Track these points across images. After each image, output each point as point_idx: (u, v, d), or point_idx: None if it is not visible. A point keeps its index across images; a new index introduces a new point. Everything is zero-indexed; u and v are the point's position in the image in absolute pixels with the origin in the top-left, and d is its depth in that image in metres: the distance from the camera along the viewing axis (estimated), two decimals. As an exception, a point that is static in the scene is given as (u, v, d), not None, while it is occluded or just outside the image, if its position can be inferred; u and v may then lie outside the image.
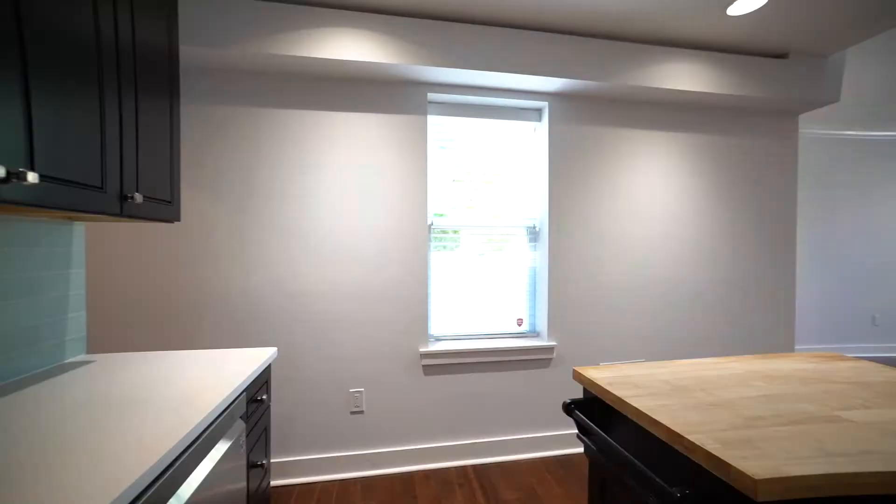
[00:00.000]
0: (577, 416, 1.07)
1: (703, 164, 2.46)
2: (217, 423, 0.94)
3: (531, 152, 2.36)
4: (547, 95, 2.25)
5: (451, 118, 2.25)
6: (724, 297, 2.50)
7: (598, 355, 2.34)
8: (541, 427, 2.28)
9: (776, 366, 1.25)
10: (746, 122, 2.51)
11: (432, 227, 2.24)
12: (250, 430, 1.20)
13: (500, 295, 2.33)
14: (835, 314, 4.25)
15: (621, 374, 1.17)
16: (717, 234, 2.49)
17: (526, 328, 2.36)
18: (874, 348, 4.38)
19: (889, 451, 0.74)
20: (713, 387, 1.06)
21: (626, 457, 0.87)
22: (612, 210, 2.34)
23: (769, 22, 1.98)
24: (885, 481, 0.69)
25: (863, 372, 1.20)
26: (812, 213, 4.22)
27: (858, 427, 0.84)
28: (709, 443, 0.75)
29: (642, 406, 0.92)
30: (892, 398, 1.00)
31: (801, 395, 1.01)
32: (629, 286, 2.37)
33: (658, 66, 2.16)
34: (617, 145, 2.34)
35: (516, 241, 2.35)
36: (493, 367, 2.22)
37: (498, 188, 2.33)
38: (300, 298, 2.01)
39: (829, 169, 4.25)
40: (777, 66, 2.29)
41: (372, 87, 2.07)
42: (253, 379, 1.19)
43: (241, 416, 1.10)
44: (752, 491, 0.64)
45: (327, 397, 2.05)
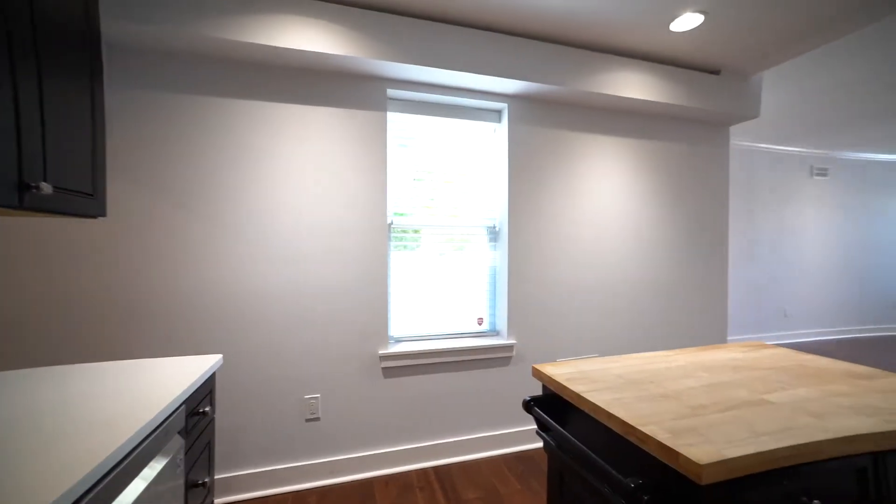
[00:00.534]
0: (536, 412, 1.09)
1: (649, 169, 2.62)
2: (147, 443, 0.84)
3: (491, 153, 2.39)
4: (506, 97, 2.28)
5: (412, 116, 2.22)
6: (668, 293, 2.68)
7: (556, 352, 2.42)
8: (502, 425, 2.31)
9: (714, 356, 1.35)
10: (686, 131, 2.71)
11: (392, 226, 2.20)
12: (190, 445, 1.09)
13: (460, 294, 2.33)
14: (754, 308, 4.73)
15: (578, 369, 1.20)
16: (662, 235, 2.66)
17: (486, 327, 2.38)
18: (786, 335, 4.93)
19: (800, 427, 0.82)
20: (662, 379, 1.12)
21: (582, 450, 0.89)
22: (568, 211, 2.43)
23: (705, 41, 2.15)
24: (796, 453, 0.76)
25: (780, 358, 1.33)
26: (736, 217, 4.66)
27: (779, 408, 0.92)
28: (660, 433, 0.78)
29: (599, 400, 0.95)
30: (802, 379, 1.12)
31: (735, 382, 1.10)
32: (583, 284, 2.47)
33: (610, 75, 2.28)
34: (572, 148, 2.43)
35: (477, 240, 2.37)
36: (453, 367, 2.22)
37: (459, 188, 2.33)
38: (251, 301, 1.88)
39: (752, 177, 4.73)
40: (711, 81, 2.50)
41: (328, 80, 1.98)
42: (194, 390, 1.08)
43: (179, 431, 1.00)
44: (698, 476, 0.68)
45: (280, 405, 1.93)
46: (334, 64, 1.90)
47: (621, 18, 1.96)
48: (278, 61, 1.87)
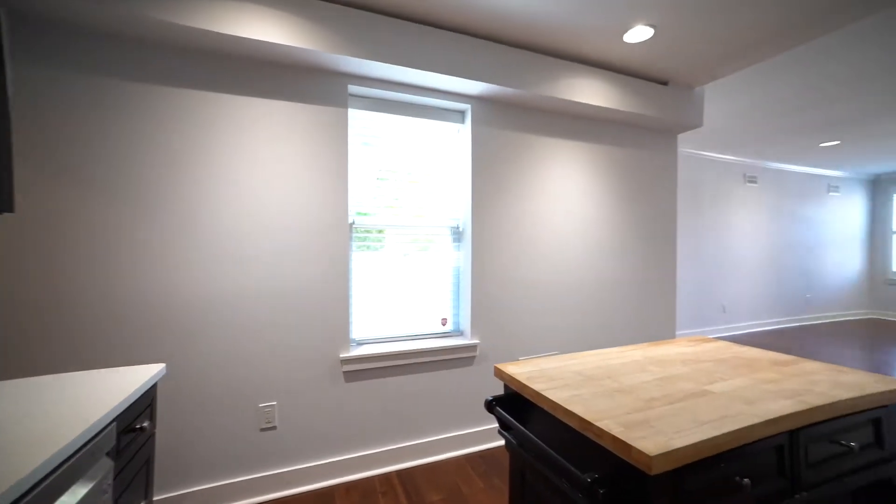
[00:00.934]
0: (498, 412, 1.10)
1: (604, 173, 2.74)
2: (65, 468, 0.75)
3: (455, 153, 2.40)
4: (469, 98, 2.30)
5: (375, 114, 2.17)
6: (623, 291, 2.82)
7: (518, 350, 2.47)
8: (466, 424, 2.32)
9: (664, 351, 1.44)
10: (638, 137, 2.87)
11: (354, 226, 2.14)
12: (123, 466, 1.00)
13: (424, 295, 2.31)
14: (697, 304, 5.10)
15: (538, 368, 1.23)
16: (617, 235, 2.80)
17: (450, 327, 2.39)
18: (724, 329, 5.36)
19: (735, 414, 0.89)
20: (617, 374, 1.17)
21: (542, 448, 0.91)
22: (529, 212, 2.48)
23: (655, 53, 2.29)
24: (732, 439, 0.82)
25: (719, 351, 1.44)
26: (682, 220, 5.01)
27: (718, 397, 0.99)
28: (614, 427, 0.81)
29: (557, 398, 0.97)
30: (737, 369, 1.21)
31: (683, 375, 1.17)
32: (544, 283, 2.54)
33: (569, 80, 2.36)
34: (533, 151, 2.49)
35: (441, 241, 2.36)
36: (417, 369, 2.20)
37: (423, 188, 2.32)
38: (200, 305, 1.75)
39: (696, 183, 5.10)
40: (660, 90, 2.66)
41: (286, 73, 1.90)
42: (129, 405, 0.99)
43: (108, 451, 0.91)
44: (648, 467, 0.71)
45: (233, 415, 1.82)
46: (293, 56, 1.82)
47: (579, 27, 2.03)
48: (233, 51, 1.76)
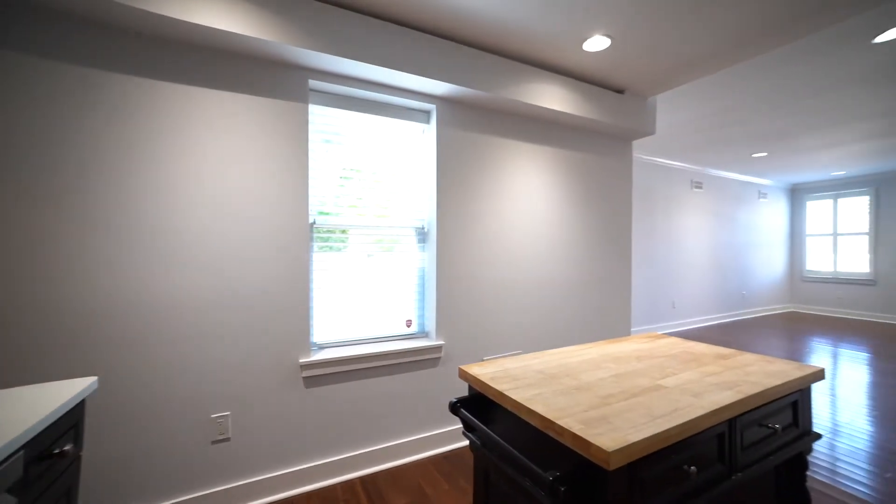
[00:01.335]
0: (462, 414, 1.10)
1: (565, 176, 2.84)
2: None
3: (420, 153, 2.38)
4: (435, 98, 2.29)
5: (338, 111, 2.11)
6: (582, 290, 2.93)
7: (483, 350, 2.49)
8: (431, 426, 2.31)
9: (620, 348, 1.50)
10: (597, 143, 3.00)
11: (315, 225, 2.06)
12: (34, 499, 0.87)
13: (389, 296, 2.28)
14: (650, 301, 5.42)
15: (502, 368, 1.24)
16: (576, 236, 2.90)
17: (415, 329, 2.37)
18: (674, 325, 5.74)
19: (684, 407, 0.94)
20: (577, 372, 1.20)
21: (505, 448, 0.92)
22: (493, 213, 2.52)
23: (611, 62, 2.40)
24: (682, 430, 0.87)
25: (671, 346, 1.53)
26: (636, 223, 5.30)
27: (670, 391, 1.05)
28: (575, 425, 0.83)
29: (520, 398, 0.99)
30: (687, 363, 1.29)
31: (638, 370, 1.23)
32: (508, 283, 2.58)
33: (531, 85, 2.41)
34: (497, 152, 2.53)
35: (406, 241, 2.34)
36: (381, 372, 2.16)
37: (388, 188, 2.28)
38: (143, 312, 1.61)
39: (649, 187, 5.42)
40: (617, 98, 2.79)
41: (243, 64, 1.79)
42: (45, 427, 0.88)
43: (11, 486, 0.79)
44: (606, 462, 0.74)
45: (180, 429, 1.69)
46: (251, 47, 1.72)
47: (542, 33, 2.08)
48: (185, 38, 1.63)
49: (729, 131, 4.16)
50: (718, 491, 0.95)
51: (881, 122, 3.94)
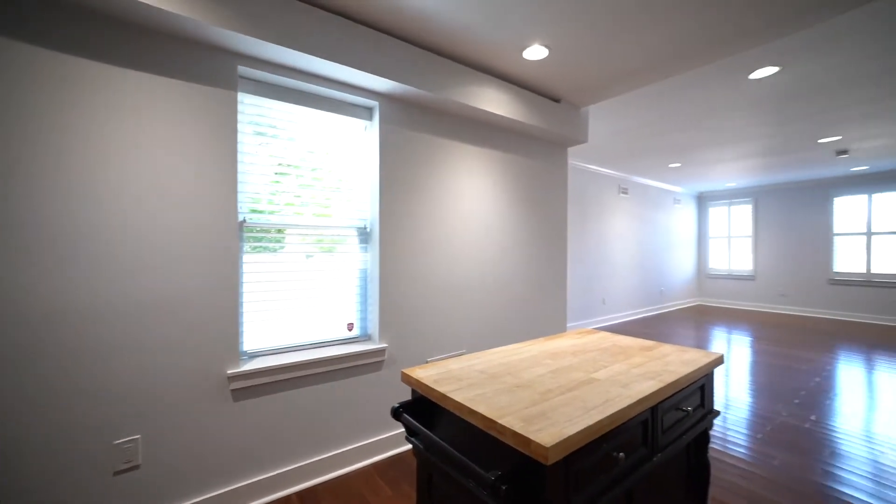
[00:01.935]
0: (404, 419, 1.07)
1: (505, 178, 2.93)
2: None
3: (363, 151, 2.30)
4: (377, 95, 2.23)
5: (272, 101, 1.96)
6: (522, 289, 3.05)
7: (428, 351, 2.48)
8: (374, 431, 2.24)
9: (557, 344, 1.58)
10: (536, 148, 3.14)
11: (246, 224, 1.90)
12: None
13: (329, 299, 2.17)
14: (582, 298, 5.82)
15: (445, 369, 1.24)
16: (517, 237, 3.01)
17: (357, 332, 2.28)
18: (604, 319, 6.22)
19: (614, 397, 1.01)
20: (517, 369, 1.23)
21: (447, 450, 0.91)
22: (438, 213, 2.52)
23: (549, 72, 2.52)
24: (613, 420, 0.93)
25: (602, 340, 1.64)
26: (571, 225, 5.66)
27: (602, 384, 1.12)
28: (516, 423, 0.85)
29: (462, 398, 0.99)
30: (615, 357, 1.39)
31: (573, 365, 1.29)
32: (452, 283, 2.60)
33: (475, 88, 2.45)
34: (441, 153, 2.53)
35: (348, 242, 2.25)
36: (321, 379, 2.05)
37: (329, 186, 2.17)
38: (34, 322, 1.35)
39: (582, 192, 5.81)
40: (554, 107, 2.95)
41: (164, 43, 1.58)
42: None
43: None
44: (545, 457, 0.76)
45: (73, 460, 1.45)
46: (172, 24, 1.52)
47: (485, 39, 2.12)
48: (97, 7, 1.40)
49: (649, 143, 4.61)
50: (642, 472, 1.03)
51: (756, 145, 4.64)
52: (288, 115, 2.02)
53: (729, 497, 1.89)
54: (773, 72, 2.72)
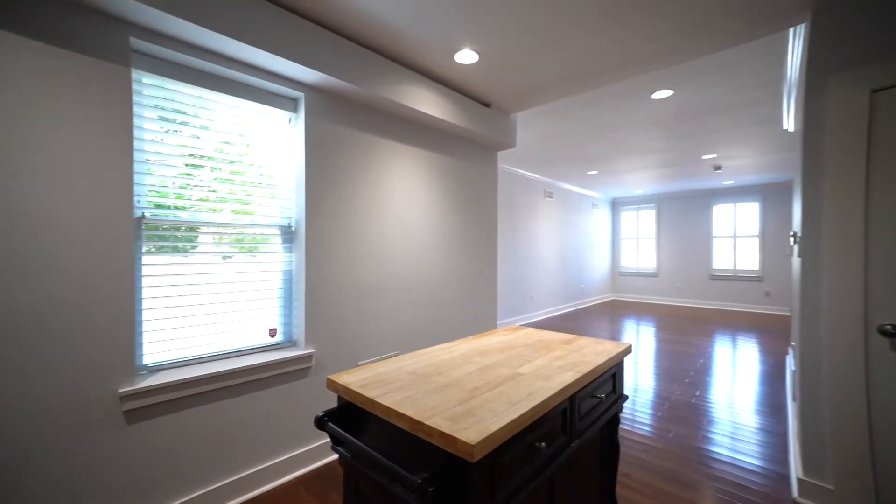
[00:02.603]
0: (329, 428, 1.01)
1: (437, 179, 2.95)
2: None
3: (288, 144, 2.15)
4: (303, 86, 2.10)
5: (181, 85, 1.73)
6: (455, 289, 3.10)
7: (359, 355, 2.40)
8: (301, 442, 2.10)
9: (486, 341, 1.63)
10: (468, 150, 3.21)
11: (146, 220, 1.66)
12: None
13: (250, 304, 1.99)
14: (512, 296, 6.12)
15: (374, 373, 1.20)
16: (450, 237, 3.05)
17: (280, 339, 2.12)
18: (532, 316, 6.60)
19: (537, 390, 1.07)
20: (447, 369, 1.24)
21: (374, 456, 0.88)
22: (369, 213, 2.45)
23: (480, 77, 2.60)
24: (537, 412, 0.98)
25: (528, 336, 1.73)
26: (501, 225, 5.92)
27: (526, 377, 1.18)
28: (442, 423, 0.85)
29: (390, 402, 0.96)
30: (539, 351, 1.48)
31: (501, 361, 1.34)
32: (384, 284, 2.55)
33: (408, 87, 2.43)
34: (374, 151, 2.47)
35: (271, 241, 2.08)
36: (240, 390, 1.87)
37: (251, 181, 1.99)
38: None
39: (511, 194, 6.10)
40: (484, 111, 3.05)
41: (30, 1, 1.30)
42: None
43: None
44: (470, 455, 0.77)
45: None
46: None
47: (418, 39, 2.11)
48: None
49: (570, 151, 4.99)
50: (562, 458, 1.11)
51: (656, 157, 5.30)
52: (200, 101, 1.81)
53: (634, 470, 2.11)
54: (669, 94, 3.11)
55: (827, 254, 1.79)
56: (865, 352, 1.69)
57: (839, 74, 1.76)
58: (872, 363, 1.68)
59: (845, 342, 1.73)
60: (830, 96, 1.77)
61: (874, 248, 1.68)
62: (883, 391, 1.66)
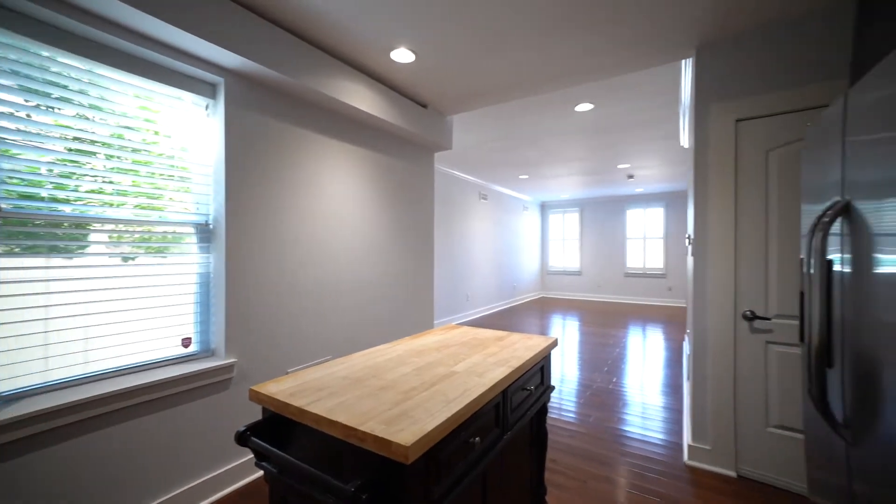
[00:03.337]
0: (252, 444, 0.94)
1: (373, 177, 2.89)
2: None
3: (205, 134, 1.94)
4: (223, 70, 1.91)
5: (57, 52, 1.47)
6: (391, 289, 3.06)
7: (287, 362, 2.25)
8: (223, 461, 1.91)
9: (422, 342, 1.63)
10: (405, 150, 3.19)
11: (3, 214, 1.38)
12: None
13: (158, 311, 1.76)
14: (448, 295, 6.22)
15: (304, 380, 1.14)
16: (386, 236, 3.01)
17: (195, 349, 1.91)
18: (468, 315, 6.77)
19: (472, 386, 1.10)
20: (383, 371, 1.22)
21: (302, 468, 0.83)
22: (301, 211, 2.31)
23: (416, 77, 2.60)
24: (471, 408, 1.01)
25: (463, 334, 1.77)
26: (437, 226, 5.99)
27: (461, 375, 1.20)
28: (377, 427, 0.83)
29: (321, 410, 0.92)
30: (474, 349, 1.52)
31: (437, 360, 1.35)
32: (317, 286, 2.42)
33: (343, 82, 2.34)
34: (306, 146, 2.34)
35: (185, 241, 1.86)
36: (145, 409, 1.64)
37: (160, 172, 1.75)
38: None
39: (447, 195, 6.20)
40: (421, 111, 3.05)
41: None
42: None
43: None
44: (405, 457, 0.76)
45: None
46: None
47: (353, 32, 2.05)
48: None
49: (505, 155, 5.22)
50: (496, 451, 1.15)
51: (578, 165, 5.78)
52: (89, 76, 1.56)
53: (561, 455, 2.27)
54: (590, 108, 3.40)
55: (710, 254, 2.10)
56: (734, 334, 2.04)
57: (717, 104, 2.08)
58: (739, 344, 2.05)
59: (722, 327, 2.07)
60: (711, 122, 2.09)
61: (740, 249, 2.05)
62: (744, 366, 2.04)
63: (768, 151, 1.98)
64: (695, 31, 2.02)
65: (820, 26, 1.86)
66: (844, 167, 0.90)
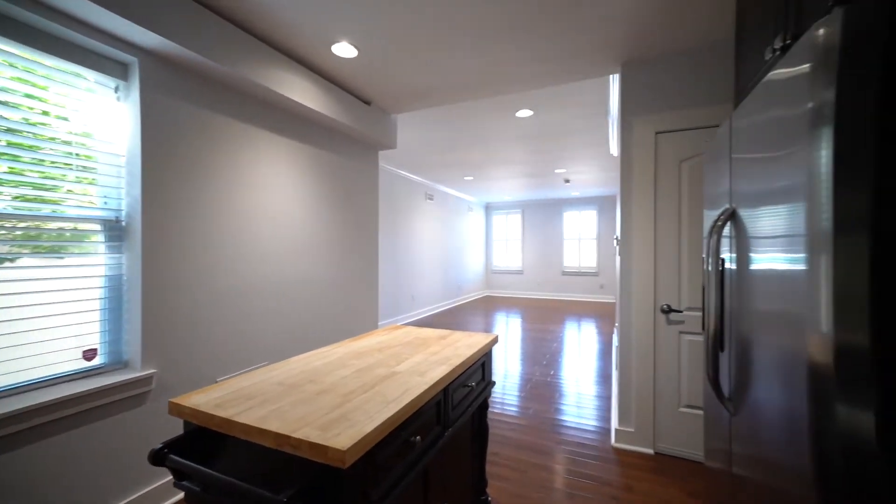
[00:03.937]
0: (171, 461, 0.86)
1: (314, 174, 2.78)
2: None
3: (115, 119, 1.72)
4: (136, 49, 1.72)
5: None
6: (333, 290, 2.95)
7: (217, 370, 2.08)
8: (140, 483, 1.71)
9: (364, 343, 1.60)
10: (347, 147, 3.10)
11: None
12: None
13: (50, 321, 1.52)
14: (393, 295, 6.17)
15: (233, 389, 1.06)
16: (328, 235, 2.90)
17: (101, 361, 1.69)
18: (414, 315, 6.76)
19: (413, 386, 1.10)
20: (320, 375, 1.18)
21: (229, 483, 0.78)
22: (233, 207, 2.15)
23: (359, 73, 2.54)
24: (411, 407, 1.01)
25: (406, 335, 1.77)
26: (382, 225, 5.91)
27: (403, 375, 1.20)
28: (312, 434, 0.80)
29: (251, 419, 0.87)
30: (417, 348, 1.53)
31: (378, 362, 1.33)
32: (250, 288, 2.27)
33: (280, 73, 2.21)
34: (237, 140, 2.17)
35: (87, 239, 1.63)
36: (38, 435, 1.41)
37: (51, 160, 1.52)
38: None
39: (392, 195, 6.13)
40: (364, 108, 2.99)
41: None
42: None
43: None
44: (342, 462, 0.75)
45: None
46: None
47: (292, 22, 1.94)
48: None
49: (450, 156, 5.29)
50: (437, 448, 1.16)
51: (519, 168, 6.06)
52: (-44, 42, 1.31)
53: (502, 448, 2.36)
54: (530, 114, 3.58)
55: (634, 254, 2.32)
56: (654, 326, 2.28)
57: (640, 116, 2.30)
58: (658, 334, 2.28)
59: (644, 320, 2.30)
60: (635, 133, 2.31)
61: (659, 249, 2.29)
62: (662, 354, 2.28)
63: (681, 162, 2.23)
64: (618, 50, 2.21)
65: (715, 56, 2.14)
66: (731, 179, 1.05)
